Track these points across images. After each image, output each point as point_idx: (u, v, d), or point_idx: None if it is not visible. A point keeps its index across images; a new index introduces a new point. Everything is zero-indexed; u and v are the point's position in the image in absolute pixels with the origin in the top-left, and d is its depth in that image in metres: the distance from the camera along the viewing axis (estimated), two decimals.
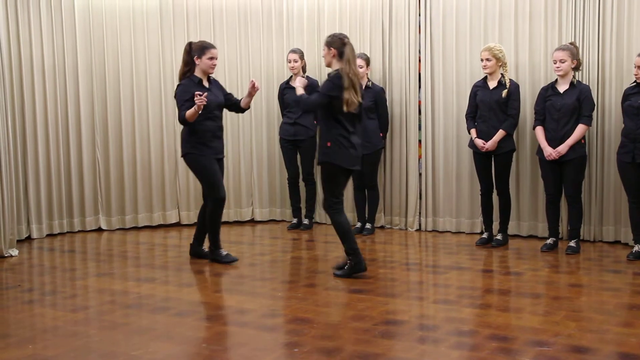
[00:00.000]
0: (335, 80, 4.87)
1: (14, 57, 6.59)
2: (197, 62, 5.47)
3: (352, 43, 5.01)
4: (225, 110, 5.80)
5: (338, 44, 4.94)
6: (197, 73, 5.51)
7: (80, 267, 5.59)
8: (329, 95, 4.85)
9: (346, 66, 4.88)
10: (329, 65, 5.06)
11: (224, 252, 5.65)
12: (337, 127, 4.92)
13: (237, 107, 5.79)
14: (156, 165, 7.41)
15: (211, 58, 5.47)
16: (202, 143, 5.47)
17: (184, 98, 5.36)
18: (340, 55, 4.93)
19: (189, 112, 5.27)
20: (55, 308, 4.37)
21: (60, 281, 5.14)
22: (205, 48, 5.48)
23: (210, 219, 5.59)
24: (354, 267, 5.00)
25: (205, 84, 5.54)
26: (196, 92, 5.22)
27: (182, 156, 5.61)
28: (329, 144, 4.92)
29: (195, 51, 5.48)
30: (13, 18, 6.58)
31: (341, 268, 5.09)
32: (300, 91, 5.10)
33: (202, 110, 5.29)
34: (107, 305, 4.38)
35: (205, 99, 5.18)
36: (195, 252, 5.82)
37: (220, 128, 5.64)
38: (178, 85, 5.51)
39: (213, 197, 5.53)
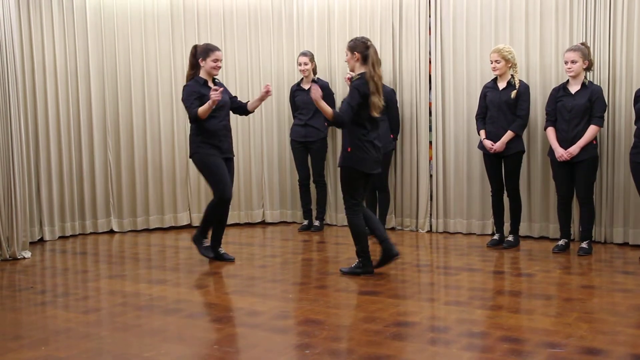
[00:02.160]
0: (360, 87, 4.85)
1: (26, 60, 6.66)
2: (201, 64, 5.57)
3: (374, 45, 5.01)
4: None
5: (361, 48, 4.93)
6: (202, 75, 5.60)
7: (92, 269, 5.62)
8: (358, 104, 4.84)
9: (371, 69, 4.87)
10: (352, 69, 5.06)
11: (206, 243, 5.75)
12: (360, 130, 4.93)
13: (242, 109, 5.87)
14: (167, 167, 7.44)
15: (215, 60, 5.56)
16: (208, 143, 5.54)
17: (192, 97, 5.47)
18: (364, 59, 4.91)
19: (202, 108, 5.38)
20: (67, 310, 4.40)
21: (72, 283, 5.18)
22: (210, 50, 5.57)
23: (209, 212, 5.67)
24: (361, 269, 5.14)
25: (210, 85, 5.62)
26: (212, 88, 5.35)
27: (190, 156, 5.68)
28: (349, 149, 4.94)
29: (200, 54, 5.58)
30: (25, 21, 6.65)
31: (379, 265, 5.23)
32: (321, 103, 4.87)
33: (212, 110, 5.37)
34: (119, 307, 4.40)
35: (220, 93, 5.27)
36: (216, 253, 5.82)
37: (227, 128, 5.70)
38: (184, 87, 5.59)
39: (219, 196, 5.59)
